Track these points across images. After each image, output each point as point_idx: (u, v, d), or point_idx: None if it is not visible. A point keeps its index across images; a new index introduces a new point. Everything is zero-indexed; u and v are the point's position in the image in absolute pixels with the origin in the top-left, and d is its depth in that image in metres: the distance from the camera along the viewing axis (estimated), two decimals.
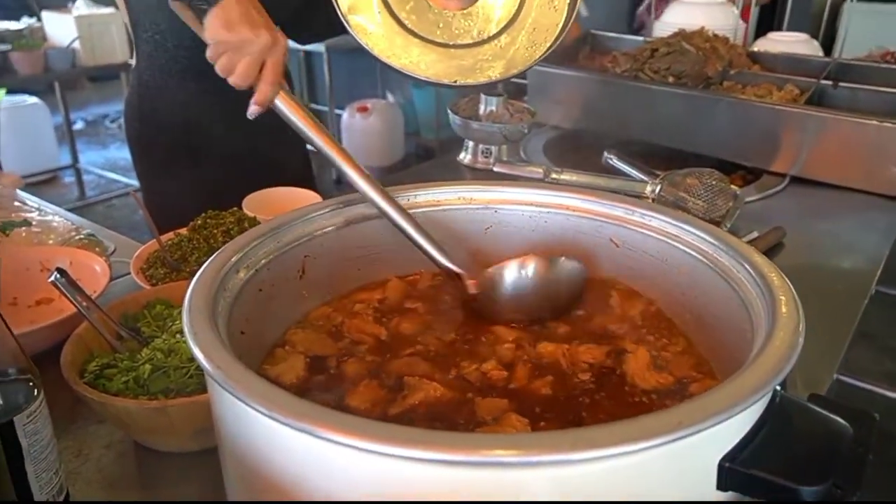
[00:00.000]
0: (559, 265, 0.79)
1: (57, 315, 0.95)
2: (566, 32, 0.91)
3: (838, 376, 1.07)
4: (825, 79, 1.84)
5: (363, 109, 4.48)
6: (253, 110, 0.91)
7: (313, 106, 4.95)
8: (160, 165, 1.51)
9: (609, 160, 1.52)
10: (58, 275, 0.80)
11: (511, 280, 0.78)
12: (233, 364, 0.52)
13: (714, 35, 1.99)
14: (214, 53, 0.93)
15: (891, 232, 1.42)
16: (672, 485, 0.49)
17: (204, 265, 0.67)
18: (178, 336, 0.85)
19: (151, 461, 0.81)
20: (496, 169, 1.53)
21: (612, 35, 2.29)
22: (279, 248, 0.75)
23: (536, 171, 1.43)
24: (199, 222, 1.16)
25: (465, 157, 1.75)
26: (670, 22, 2.35)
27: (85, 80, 5.69)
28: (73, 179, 4.56)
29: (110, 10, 3.96)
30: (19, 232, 1.25)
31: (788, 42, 2.35)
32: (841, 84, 1.82)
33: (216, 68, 0.94)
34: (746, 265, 0.67)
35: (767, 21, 3.52)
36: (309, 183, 1.59)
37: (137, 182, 1.61)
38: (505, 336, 0.76)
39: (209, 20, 0.92)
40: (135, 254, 1.13)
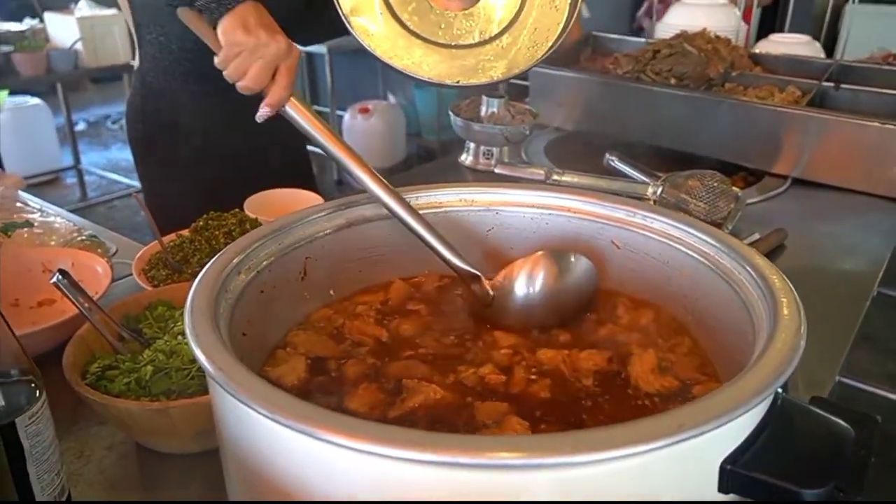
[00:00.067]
0: (572, 263, 0.79)
1: (59, 316, 0.95)
2: (567, 32, 0.91)
3: (840, 378, 1.07)
4: (827, 80, 1.83)
5: (365, 110, 4.48)
6: (263, 113, 0.92)
7: (315, 107, 4.92)
8: (162, 167, 1.51)
9: (610, 162, 1.52)
10: (60, 276, 0.80)
11: (528, 281, 0.77)
12: (234, 366, 0.52)
13: (716, 37, 1.99)
14: (228, 56, 0.93)
15: (893, 234, 1.42)
16: (673, 487, 0.49)
17: (206, 267, 0.67)
18: (180, 337, 0.84)
19: (153, 462, 0.81)
20: (498, 170, 1.54)
21: (614, 37, 2.29)
22: (281, 250, 0.75)
23: (538, 173, 1.43)
24: (201, 223, 1.16)
25: (467, 159, 1.75)
26: (672, 23, 2.35)
27: (87, 82, 5.70)
28: (75, 180, 4.57)
29: (112, 12, 3.97)
30: (21, 233, 1.25)
31: (790, 44, 2.35)
32: (843, 86, 1.82)
33: (227, 72, 0.94)
34: (748, 267, 0.67)
35: (769, 22, 3.53)
36: (309, 184, 1.59)
37: (139, 183, 1.62)
38: (505, 341, 0.76)
39: (225, 23, 0.92)
40: (136, 255, 1.13)
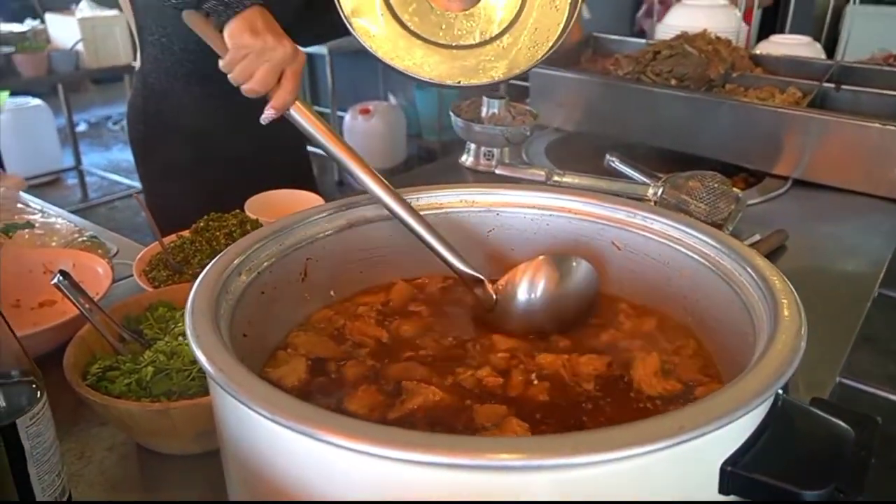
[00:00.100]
0: (574, 268, 0.78)
1: (60, 317, 0.95)
2: (568, 32, 0.91)
3: (841, 379, 1.07)
4: (828, 82, 1.83)
5: (365, 111, 4.48)
6: (268, 115, 0.92)
7: (315, 108, 4.93)
8: (163, 167, 1.51)
9: (611, 163, 1.52)
10: (60, 277, 0.80)
11: (530, 286, 0.77)
12: (235, 367, 0.52)
13: (716, 38, 1.99)
14: (234, 58, 0.93)
15: (894, 235, 1.42)
16: (674, 489, 0.49)
17: (206, 268, 0.67)
18: (181, 338, 0.85)
19: (154, 463, 0.81)
20: (498, 171, 1.53)
21: (615, 38, 2.29)
22: (281, 251, 0.75)
23: (538, 174, 1.43)
24: (202, 224, 1.16)
25: (467, 160, 1.75)
26: (673, 24, 2.35)
27: (88, 83, 5.70)
28: (76, 181, 4.57)
29: (114, 13, 3.97)
30: (22, 234, 1.25)
31: (791, 45, 2.35)
32: (843, 87, 1.82)
33: (232, 75, 0.94)
34: (748, 268, 0.67)
35: (770, 24, 3.53)
36: (309, 185, 1.59)
37: (140, 184, 1.62)
38: (504, 344, 0.75)
39: (233, 26, 0.92)
40: (137, 256, 1.13)
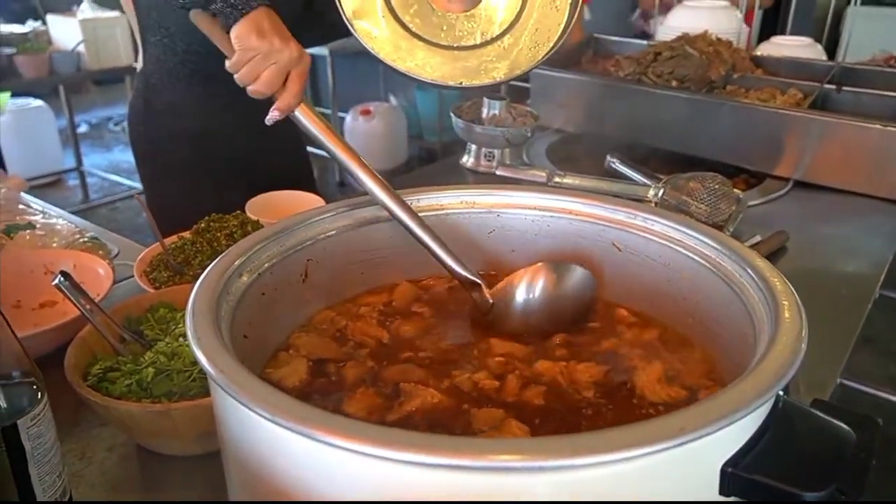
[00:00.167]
0: (571, 274, 0.79)
1: (60, 318, 0.95)
2: (568, 33, 0.91)
3: (842, 380, 1.07)
4: (828, 83, 1.83)
5: (366, 112, 4.48)
6: (273, 116, 0.93)
7: (317, 109, 4.94)
8: (164, 169, 1.52)
9: (612, 164, 1.52)
10: (61, 278, 0.80)
11: (525, 289, 0.77)
12: (236, 368, 0.52)
13: (717, 39, 1.99)
14: (241, 60, 0.94)
15: (894, 236, 1.42)
16: (674, 490, 0.49)
17: (207, 269, 0.67)
18: (182, 339, 0.85)
19: (154, 464, 0.81)
20: (499, 172, 1.54)
21: (616, 39, 2.29)
22: (282, 252, 0.75)
23: (539, 175, 1.43)
24: (203, 225, 1.16)
25: (468, 161, 1.75)
26: (674, 26, 2.35)
27: (89, 84, 5.71)
28: (77, 182, 4.57)
29: (115, 14, 3.97)
30: (23, 235, 1.25)
31: (792, 46, 2.35)
32: (844, 88, 1.82)
33: (238, 76, 0.95)
34: (749, 269, 0.67)
35: (771, 25, 3.53)
36: (309, 186, 1.59)
37: (141, 185, 1.62)
38: (502, 348, 0.75)
39: (240, 28, 0.93)
40: (138, 257, 1.13)
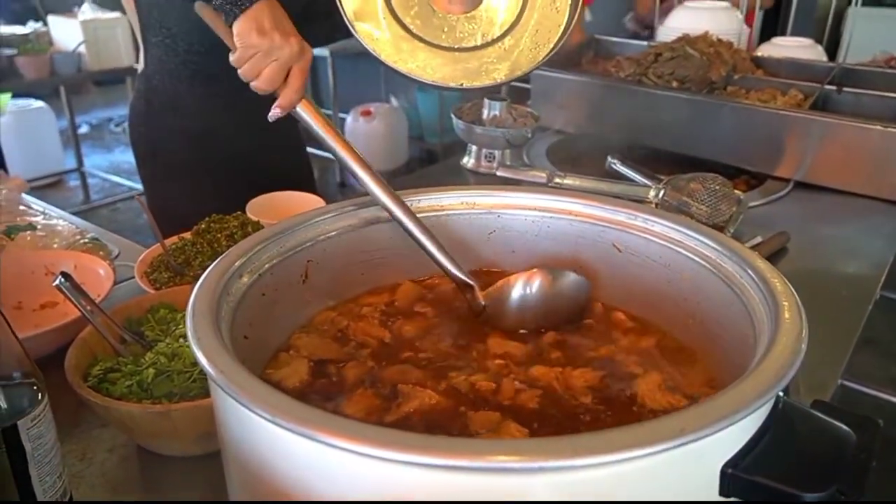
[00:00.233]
0: (565, 280, 0.79)
1: (61, 319, 0.95)
2: (569, 33, 0.92)
3: (843, 381, 1.07)
4: (829, 84, 1.83)
5: (367, 113, 4.48)
6: (274, 113, 0.93)
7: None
8: (165, 169, 1.52)
9: (612, 165, 1.52)
10: (62, 279, 0.80)
11: (518, 294, 0.78)
12: (236, 368, 0.52)
13: (718, 40, 1.99)
14: (242, 57, 0.93)
15: (895, 237, 1.42)
16: (674, 491, 0.49)
17: (207, 269, 0.67)
18: (182, 340, 0.85)
19: (154, 465, 0.82)
20: (499, 173, 1.54)
21: (616, 40, 2.30)
22: (282, 253, 0.75)
23: (540, 176, 1.43)
24: (203, 226, 1.16)
25: (469, 162, 1.75)
26: (674, 27, 2.35)
27: (90, 85, 5.70)
28: (78, 183, 4.57)
29: (116, 15, 3.98)
30: (24, 236, 1.26)
31: (792, 47, 2.35)
32: (845, 89, 1.82)
33: (241, 72, 0.94)
34: (749, 270, 0.67)
35: (771, 26, 3.53)
36: (310, 186, 1.60)
37: (141, 186, 1.62)
38: (501, 348, 0.75)
39: (240, 24, 0.93)
40: (139, 258, 1.13)
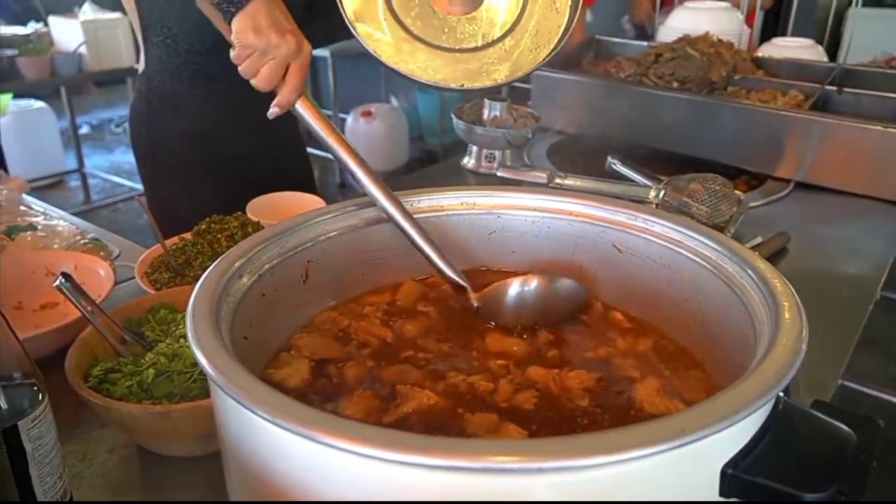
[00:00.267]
0: (560, 284, 0.79)
1: (61, 319, 0.95)
2: (569, 34, 0.92)
3: (843, 382, 1.07)
4: (830, 84, 1.83)
5: (367, 114, 4.48)
6: (273, 112, 0.93)
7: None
8: (165, 170, 1.52)
9: (613, 165, 1.52)
10: (62, 279, 0.80)
11: (512, 297, 0.78)
12: (236, 369, 0.52)
13: (718, 40, 1.99)
14: (240, 55, 0.94)
15: (895, 237, 1.42)
16: (675, 491, 0.49)
17: (207, 270, 0.67)
18: (182, 341, 0.85)
19: (155, 465, 0.82)
20: (500, 174, 1.53)
21: (617, 40, 2.30)
22: (283, 253, 0.76)
23: (540, 176, 1.43)
24: (204, 227, 1.16)
25: (469, 162, 1.75)
26: (675, 27, 2.35)
27: (91, 85, 5.71)
28: (79, 183, 4.58)
29: (116, 15, 3.98)
30: (25, 236, 1.26)
31: (793, 47, 2.35)
32: (845, 90, 1.82)
33: (240, 70, 0.95)
34: (749, 271, 0.67)
35: (772, 26, 3.53)
36: (310, 187, 1.60)
37: (142, 186, 1.62)
38: (498, 349, 0.75)
39: (237, 23, 0.93)
40: (139, 258, 1.13)
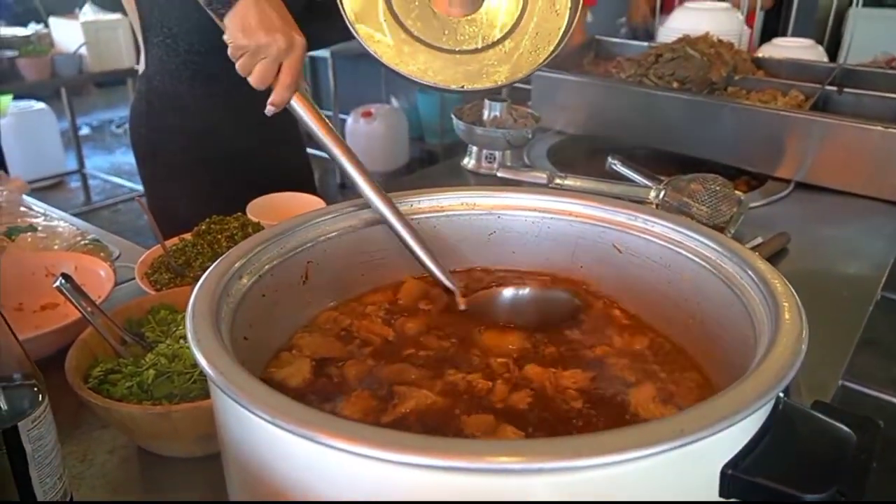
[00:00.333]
0: (551, 295, 0.79)
1: (62, 320, 0.95)
2: (569, 36, 0.92)
3: (844, 382, 1.07)
4: (830, 84, 1.83)
5: (367, 114, 4.48)
6: (269, 109, 0.93)
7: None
8: (165, 170, 1.52)
9: (613, 165, 1.52)
10: (63, 280, 0.80)
11: (501, 305, 0.79)
12: (235, 370, 0.52)
13: (719, 40, 1.99)
14: (233, 55, 0.94)
15: None
16: (674, 492, 0.49)
17: (207, 271, 0.67)
18: (182, 341, 0.85)
19: (155, 466, 0.82)
20: (500, 174, 1.54)
21: (617, 41, 2.30)
22: (283, 254, 0.76)
23: (540, 177, 1.43)
24: (204, 227, 1.16)
25: (469, 163, 1.75)
26: (675, 27, 2.35)
27: (91, 86, 5.71)
28: (79, 184, 4.58)
29: (117, 16, 3.98)
30: (25, 237, 1.26)
31: (793, 48, 2.36)
32: (846, 90, 1.82)
33: (236, 68, 0.95)
34: (749, 271, 0.67)
35: (772, 26, 3.53)
36: (310, 187, 1.60)
37: (142, 187, 1.62)
38: (497, 348, 0.75)
39: (228, 23, 0.93)
40: (139, 259, 1.13)
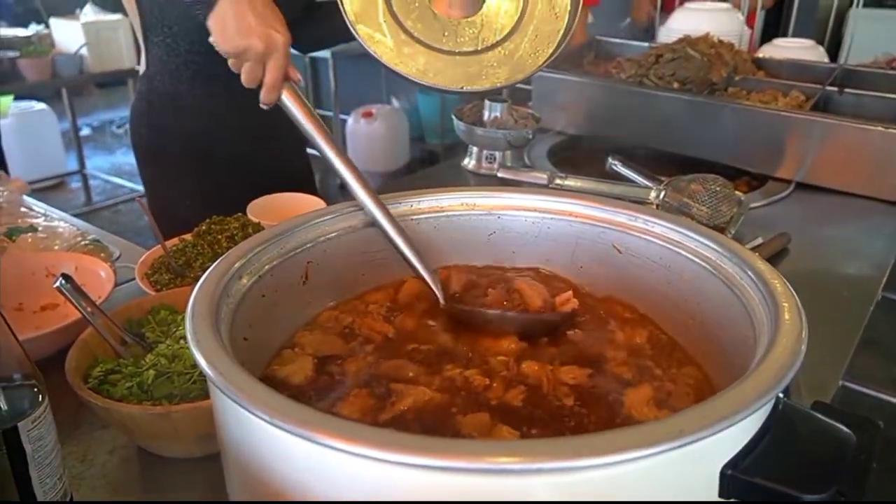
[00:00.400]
0: (538, 319, 0.77)
1: (62, 320, 0.95)
2: (569, 38, 0.92)
3: (844, 383, 1.07)
4: (830, 85, 1.83)
5: (368, 115, 4.48)
6: (263, 106, 0.94)
7: (318, 111, 4.94)
8: (165, 171, 1.52)
9: (613, 166, 1.52)
10: (63, 280, 0.80)
11: (486, 323, 0.77)
12: (235, 370, 0.52)
13: (719, 41, 1.99)
14: (224, 56, 0.95)
15: None
16: (674, 492, 0.49)
17: (207, 271, 0.67)
18: (182, 342, 0.85)
19: (155, 466, 0.82)
20: (500, 174, 1.54)
21: (617, 41, 2.30)
22: (282, 254, 0.76)
23: (540, 177, 1.43)
24: (204, 228, 1.16)
25: (470, 163, 1.75)
26: (675, 28, 2.35)
27: (92, 87, 5.72)
28: (80, 185, 4.58)
29: (117, 17, 3.98)
30: (25, 237, 1.26)
31: (794, 48, 2.36)
32: (846, 90, 1.82)
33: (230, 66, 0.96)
34: (749, 272, 0.67)
35: (773, 27, 3.53)
36: (310, 188, 1.60)
37: (143, 188, 1.62)
38: (496, 347, 0.75)
39: (210, 26, 0.94)
40: (140, 259, 1.14)
